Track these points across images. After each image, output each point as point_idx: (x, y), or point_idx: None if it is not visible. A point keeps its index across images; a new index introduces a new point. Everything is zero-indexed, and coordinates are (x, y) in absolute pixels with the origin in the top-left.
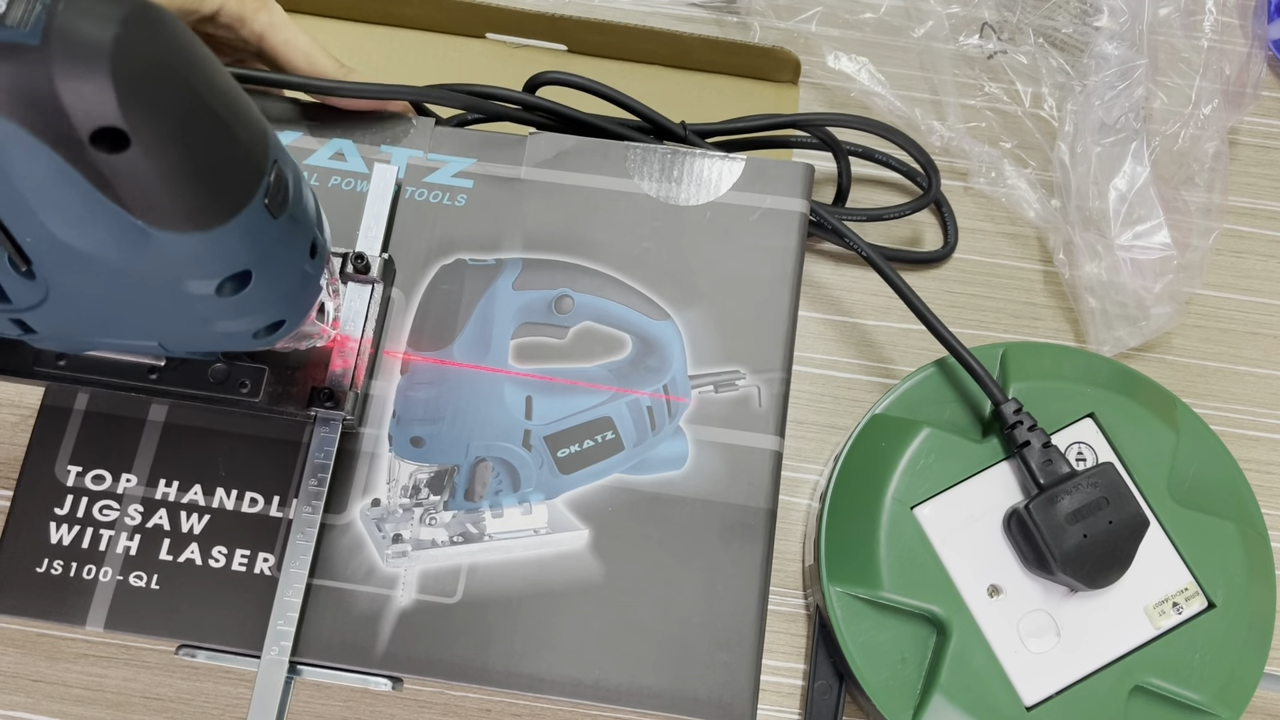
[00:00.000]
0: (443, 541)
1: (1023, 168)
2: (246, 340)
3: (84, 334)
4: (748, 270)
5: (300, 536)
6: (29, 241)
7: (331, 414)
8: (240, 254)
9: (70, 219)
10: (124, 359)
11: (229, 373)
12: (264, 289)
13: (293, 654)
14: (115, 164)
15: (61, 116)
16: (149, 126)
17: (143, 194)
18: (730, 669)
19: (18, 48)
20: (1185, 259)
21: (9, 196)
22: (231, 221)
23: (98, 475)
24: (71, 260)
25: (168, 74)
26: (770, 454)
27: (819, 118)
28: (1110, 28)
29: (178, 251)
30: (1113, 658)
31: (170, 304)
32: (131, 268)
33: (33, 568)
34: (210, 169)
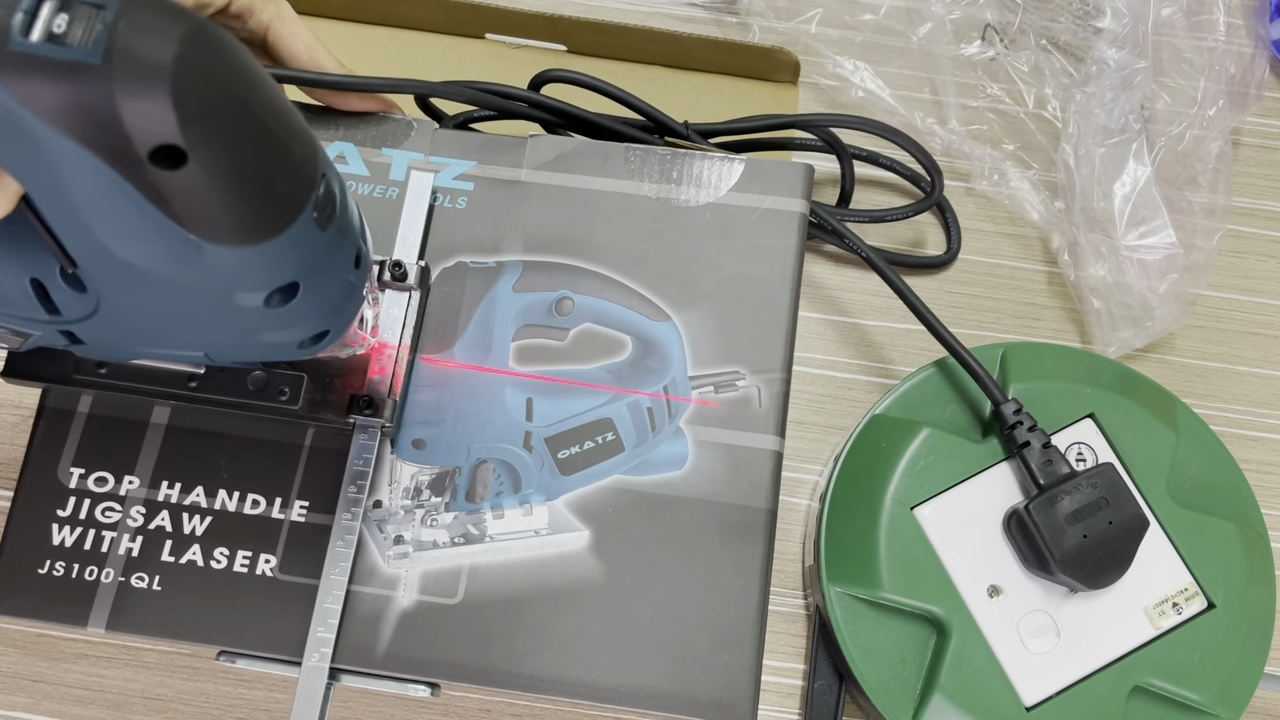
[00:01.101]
0: (444, 543)
1: (1025, 169)
2: (292, 350)
3: (130, 344)
4: (748, 271)
5: (340, 543)
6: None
7: (370, 421)
8: (289, 266)
9: (124, 234)
10: (163, 367)
11: (268, 380)
12: (311, 300)
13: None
14: (172, 180)
15: (121, 134)
16: (207, 144)
17: (198, 209)
18: (731, 669)
19: (79, 66)
20: (1190, 259)
21: (65, 212)
22: (282, 235)
23: (100, 477)
24: (123, 274)
25: (225, 92)
26: (771, 454)
27: (822, 118)
28: (1112, 29)
29: (228, 265)
30: (1112, 658)
31: (218, 316)
32: (182, 281)
33: (34, 569)
34: (263, 184)
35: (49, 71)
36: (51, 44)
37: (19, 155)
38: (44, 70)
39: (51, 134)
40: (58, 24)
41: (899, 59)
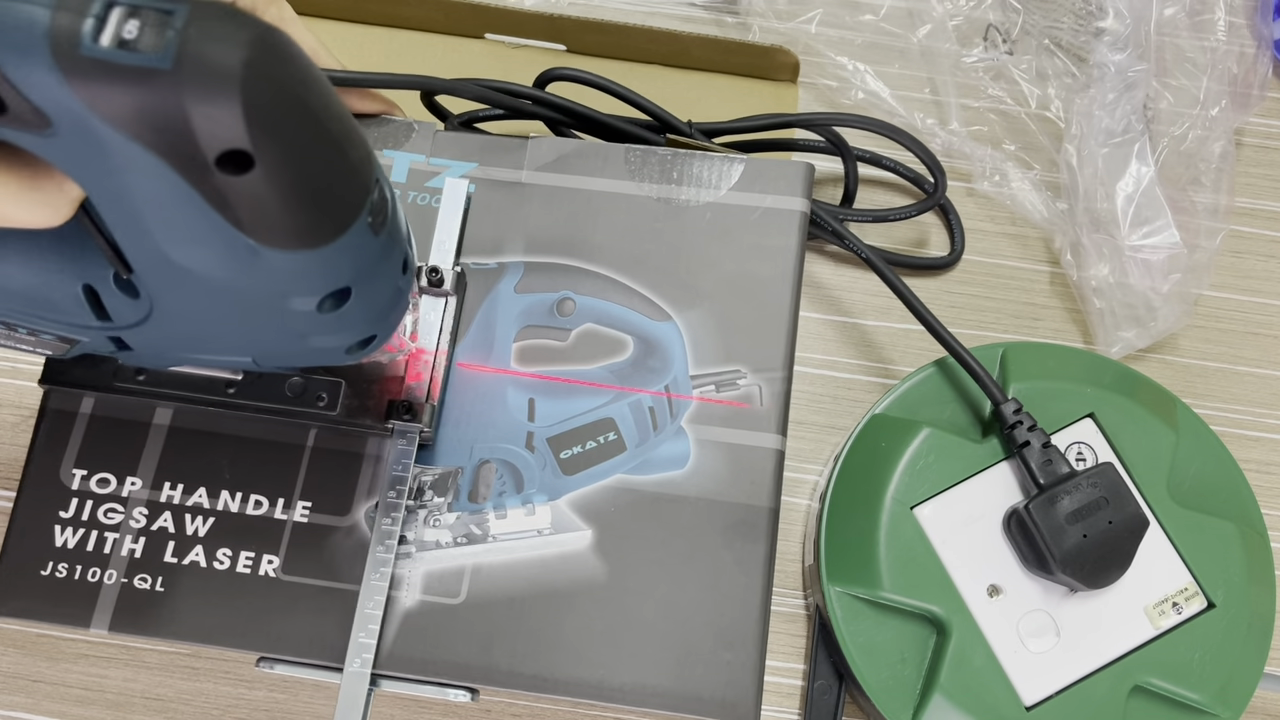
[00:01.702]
0: (446, 543)
1: (1027, 170)
2: (339, 355)
3: (178, 350)
4: (748, 270)
5: (380, 549)
6: (139, 261)
7: (409, 426)
8: (343, 271)
9: (184, 239)
10: (202, 374)
11: (306, 386)
12: (361, 305)
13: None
14: (237, 185)
15: (189, 139)
16: (272, 149)
17: (259, 214)
18: (734, 668)
19: (150, 72)
20: (1193, 259)
21: (126, 217)
22: (338, 240)
23: (103, 479)
24: (179, 279)
25: (292, 97)
26: (772, 453)
27: (825, 117)
28: (1114, 29)
29: (285, 269)
30: (1112, 658)
31: (270, 320)
32: (238, 285)
33: (37, 571)
34: (323, 189)
35: (119, 77)
36: (122, 50)
37: (84, 160)
38: (114, 75)
39: (119, 139)
40: (128, 30)
41: (899, 60)
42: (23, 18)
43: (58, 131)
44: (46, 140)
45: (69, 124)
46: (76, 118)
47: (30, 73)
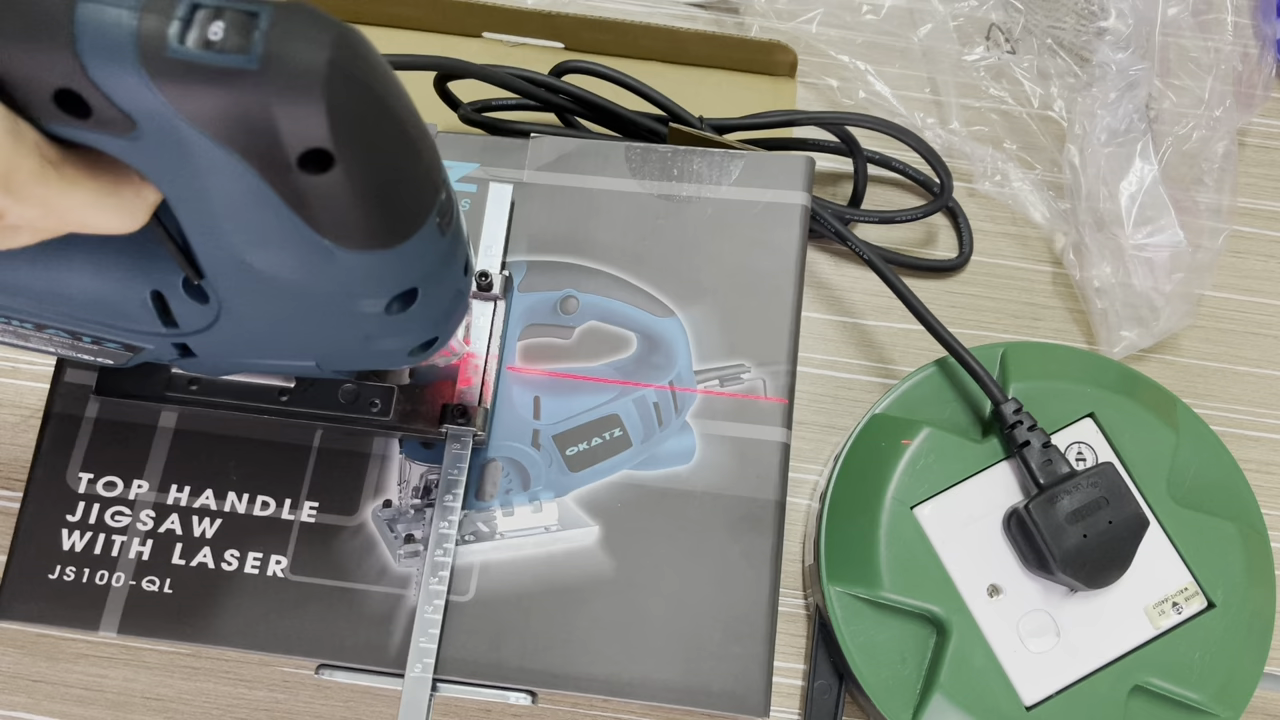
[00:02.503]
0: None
1: (1028, 170)
2: (402, 358)
3: (241, 356)
4: (751, 265)
5: (439, 551)
6: (211, 265)
7: (463, 430)
8: (412, 271)
9: (260, 240)
10: (254, 382)
11: (359, 393)
12: (427, 306)
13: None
14: (317, 185)
15: (273, 139)
16: (352, 147)
17: (336, 214)
18: (743, 660)
19: (236, 72)
20: (1196, 259)
21: (202, 220)
22: (409, 240)
23: (109, 482)
24: (250, 282)
25: (371, 96)
26: (778, 446)
27: (837, 116)
28: (1117, 28)
29: (356, 270)
30: (1113, 658)
31: (337, 323)
32: (309, 287)
33: (45, 574)
34: (398, 189)
35: (206, 78)
36: (208, 51)
37: (166, 163)
38: (201, 77)
39: (202, 141)
40: (213, 31)
41: (900, 59)
42: (109, 22)
43: (142, 134)
44: (130, 144)
45: (154, 127)
46: (162, 120)
47: (117, 76)
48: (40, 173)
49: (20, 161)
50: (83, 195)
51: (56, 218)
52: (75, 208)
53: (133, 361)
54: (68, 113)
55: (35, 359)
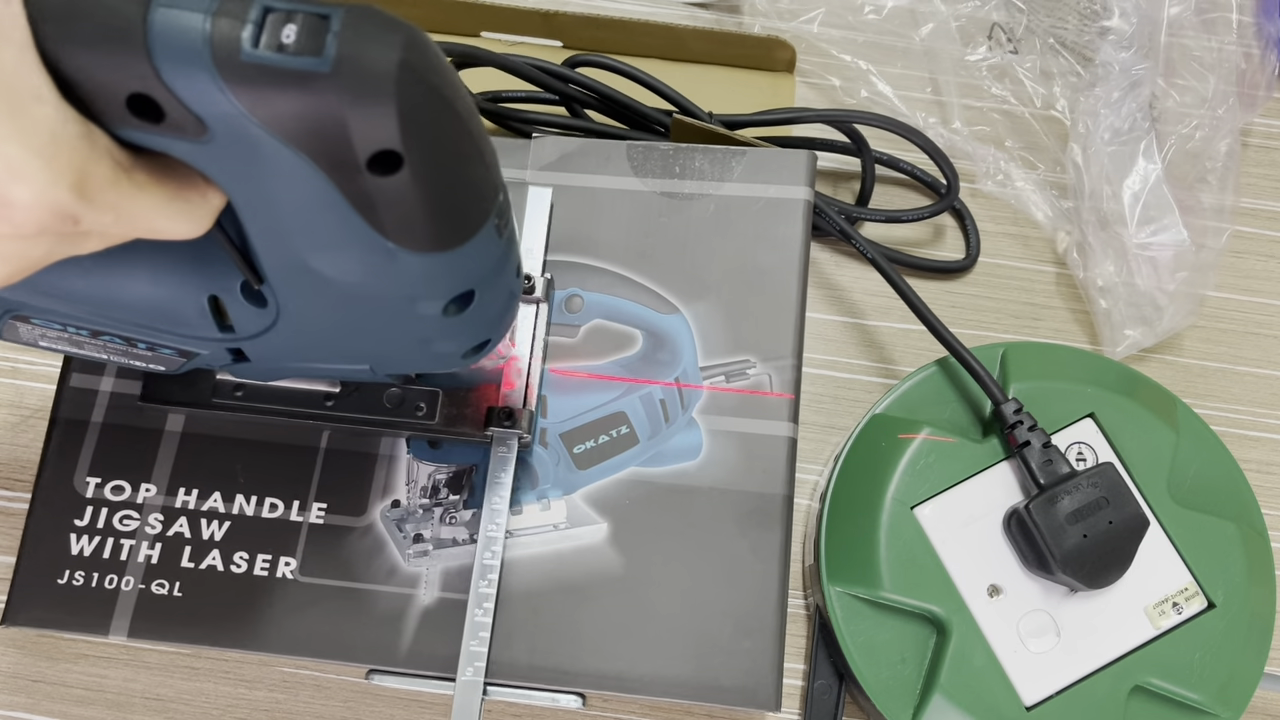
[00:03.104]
0: (463, 540)
1: (1031, 170)
2: (455, 360)
3: (295, 360)
4: (754, 260)
5: (487, 555)
6: (273, 269)
7: (508, 433)
8: (471, 273)
9: (323, 243)
10: (300, 387)
11: (403, 397)
12: (482, 308)
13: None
14: (384, 186)
15: (343, 141)
16: (421, 149)
17: (401, 216)
18: (753, 655)
19: (309, 75)
20: (1199, 258)
21: (266, 223)
22: (470, 242)
23: (117, 486)
24: (310, 286)
25: (440, 98)
26: (785, 440)
27: (846, 115)
28: (1120, 28)
29: (417, 272)
30: (1113, 658)
31: (394, 326)
32: (369, 291)
33: (54, 579)
34: (462, 191)
35: (279, 81)
36: (281, 54)
37: (235, 167)
38: (274, 80)
39: (272, 143)
40: (286, 34)
41: (902, 59)
42: (183, 26)
43: (213, 138)
44: (201, 147)
45: (225, 130)
46: (233, 123)
47: (191, 80)
48: (113, 178)
49: (94, 167)
50: (152, 200)
51: (126, 223)
52: (145, 213)
53: (185, 368)
54: (140, 117)
55: (35, 359)
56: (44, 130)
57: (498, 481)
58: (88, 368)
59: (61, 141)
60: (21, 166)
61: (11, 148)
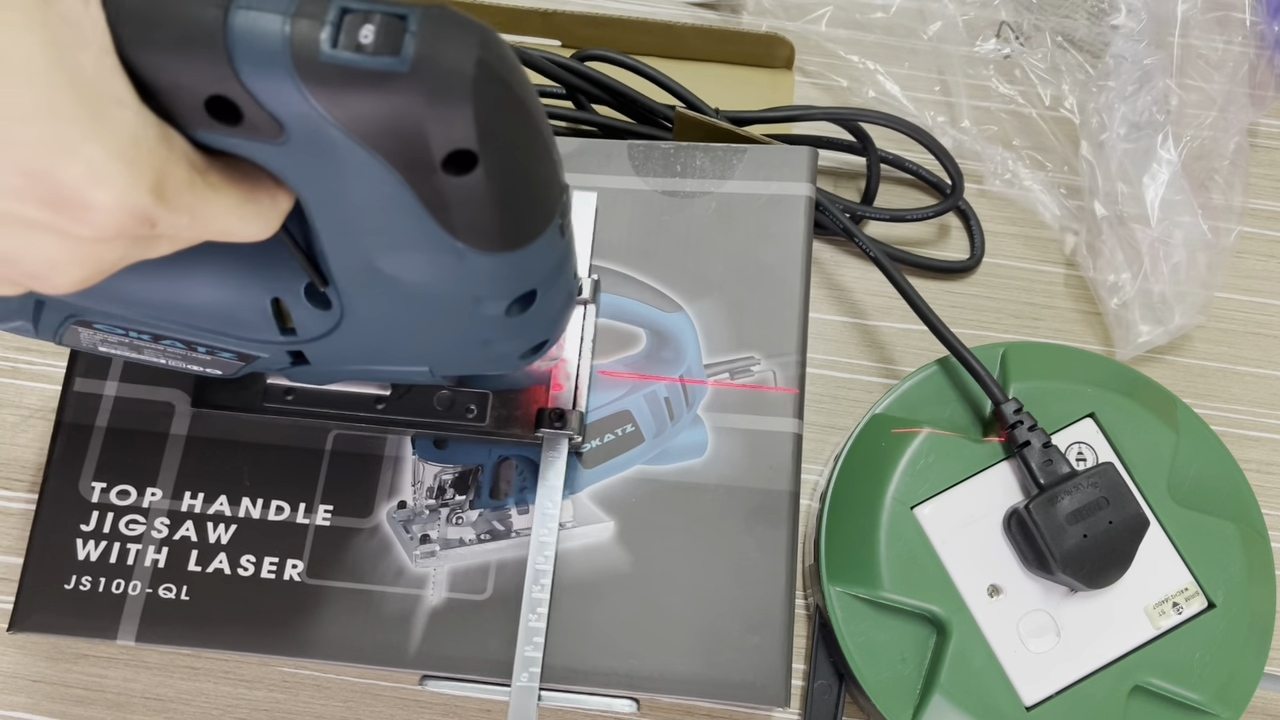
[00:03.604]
0: (470, 540)
1: (1039, 169)
2: (514, 361)
3: (354, 362)
4: (756, 257)
5: (540, 559)
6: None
7: (560, 434)
8: (535, 273)
9: (393, 244)
10: (351, 391)
11: (454, 399)
12: (543, 308)
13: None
14: (457, 186)
15: (419, 141)
16: (495, 148)
17: (472, 216)
18: (762, 651)
19: (388, 75)
20: (1210, 257)
21: (337, 225)
22: (536, 241)
23: (122, 490)
24: (375, 287)
25: (514, 97)
26: (790, 436)
27: (849, 112)
28: (1129, 25)
29: (484, 272)
30: (1113, 658)
31: (457, 327)
32: (435, 291)
33: (61, 585)
34: (531, 190)
35: (357, 81)
36: (359, 54)
37: (309, 167)
38: (353, 80)
39: (348, 144)
40: (364, 35)
41: (910, 58)
42: (263, 28)
43: (289, 139)
44: (276, 149)
45: (302, 131)
46: (310, 124)
47: (270, 81)
48: (189, 180)
49: (172, 170)
50: (225, 202)
51: (200, 225)
52: (218, 215)
53: (242, 371)
54: (218, 119)
55: (35, 359)
56: (125, 134)
57: (549, 485)
58: (91, 371)
59: (142, 145)
60: (104, 170)
61: (94, 151)
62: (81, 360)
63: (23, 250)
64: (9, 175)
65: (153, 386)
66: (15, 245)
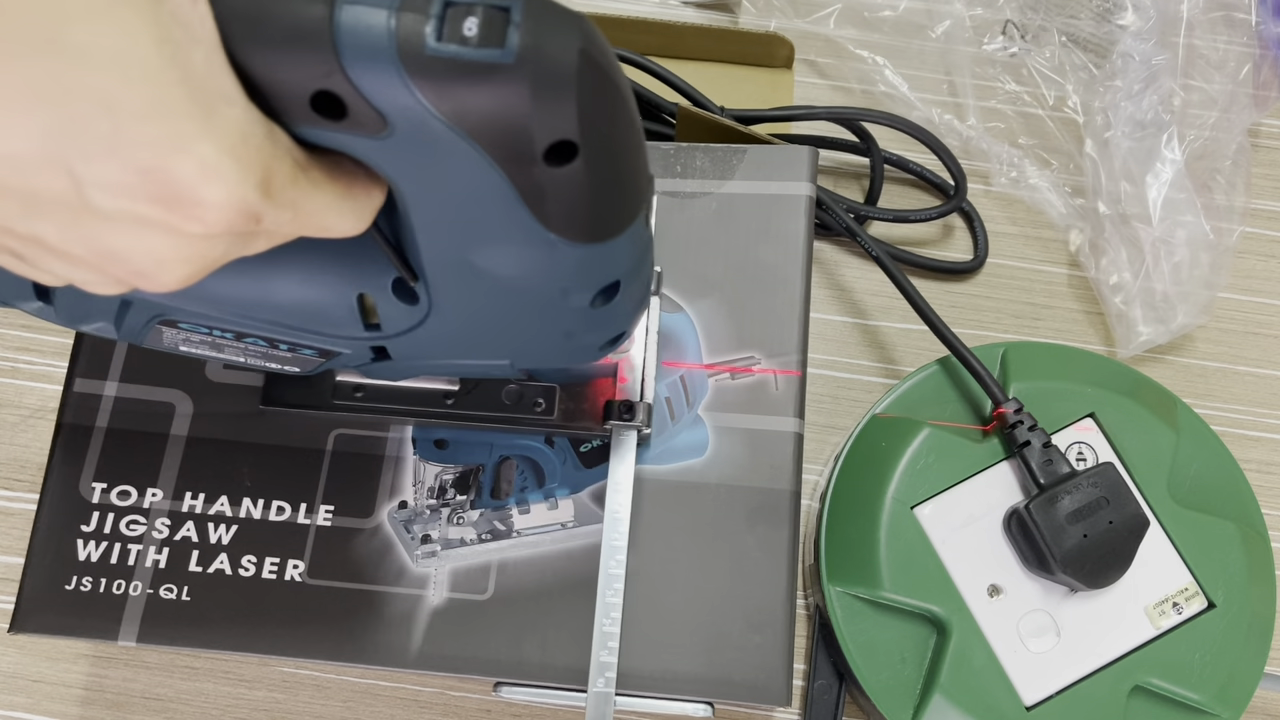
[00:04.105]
0: (471, 540)
1: (1044, 168)
2: (593, 352)
3: (435, 357)
4: (757, 257)
5: (612, 563)
6: (432, 264)
7: (629, 426)
8: (620, 265)
9: (487, 237)
10: (420, 387)
11: (522, 393)
12: (625, 300)
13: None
14: (556, 177)
15: (523, 132)
16: (596, 139)
17: (568, 207)
18: (764, 650)
19: (493, 67)
20: (1213, 257)
21: (432, 217)
22: (625, 232)
23: (123, 491)
24: (465, 281)
25: (614, 87)
26: (791, 436)
27: (852, 112)
28: (1135, 25)
29: (573, 263)
30: (1113, 658)
31: (542, 319)
32: (524, 284)
33: (62, 585)
34: (625, 180)
35: (462, 73)
36: (465, 46)
37: (410, 161)
38: (458, 73)
39: (451, 137)
40: (468, 27)
41: (917, 58)
42: (369, 23)
43: (393, 134)
44: (379, 143)
45: (406, 125)
46: (414, 118)
47: (376, 75)
48: (293, 176)
49: (277, 165)
50: (325, 198)
51: (301, 220)
52: (318, 210)
53: (321, 368)
54: (323, 115)
55: (35, 359)
56: (234, 131)
57: (618, 484)
58: (92, 372)
59: (250, 141)
60: (215, 166)
61: (206, 148)
62: (82, 360)
63: (132, 248)
64: (123, 173)
65: (153, 387)
66: (125, 243)
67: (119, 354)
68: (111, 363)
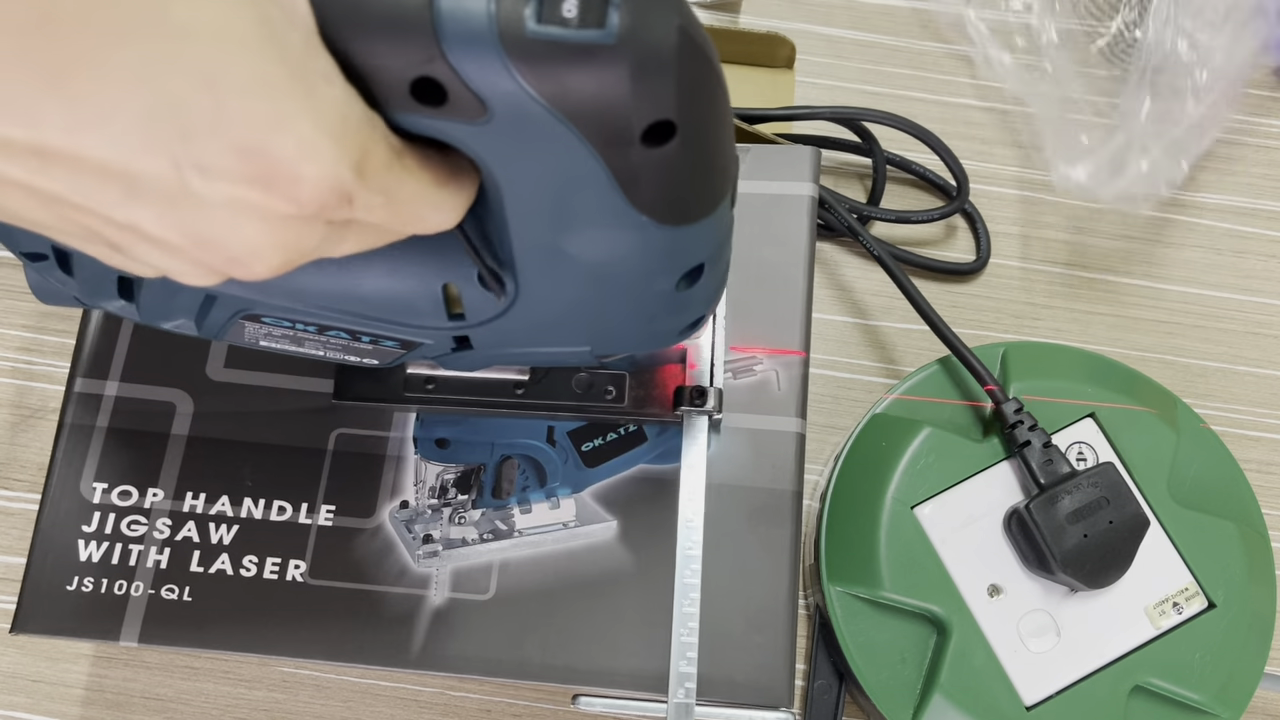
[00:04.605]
0: (473, 540)
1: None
2: (673, 337)
3: (516, 345)
4: (759, 256)
5: (687, 573)
6: (520, 252)
7: (700, 412)
8: (706, 247)
9: (579, 221)
10: (490, 377)
11: (591, 381)
12: (706, 283)
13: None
14: (652, 158)
15: (620, 113)
16: (694, 118)
17: (661, 189)
18: (765, 650)
19: (594, 48)
20: (1180, 137)
21: (525, 203)
22: (712, 214)
23: (124, 491)
24: (553, 267)
25: (710, 65)
26: (794, 436)
27: (854, 112)
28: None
29: (661, 246)
30: (1113, 658)
31: (627, 304)
32: (611, 269)
33: (63, 586)
34: (716, 161)
35: (563, 55)
36: (565, 28)
37: (507, 147)
38: (559, 55)
39: (549, 120)
40: (567, 8)
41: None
42: (469, 6)
43: (492, 119)
44: (476, 129)
45: (505, 109)
46: (514, 102)
47: (477, 60)
48: (388, 161)
49: (374, 148)
50: (419, 186)
51: (392, 210)
52: (412, 199)
53: (400, 360)
54: (422, 101)
55: (36, 359)
56: (333, 110)
57: (692, 489)
58: (93, 372)
59: (349, 122)
60: (313, 144)
61: (304, 125)
62: (83, 360)
63: (227, 234)
64: (222, 153)
65: (154, 386)
66: (221, 229)
67: (119, 354)
68: (112, 362)
